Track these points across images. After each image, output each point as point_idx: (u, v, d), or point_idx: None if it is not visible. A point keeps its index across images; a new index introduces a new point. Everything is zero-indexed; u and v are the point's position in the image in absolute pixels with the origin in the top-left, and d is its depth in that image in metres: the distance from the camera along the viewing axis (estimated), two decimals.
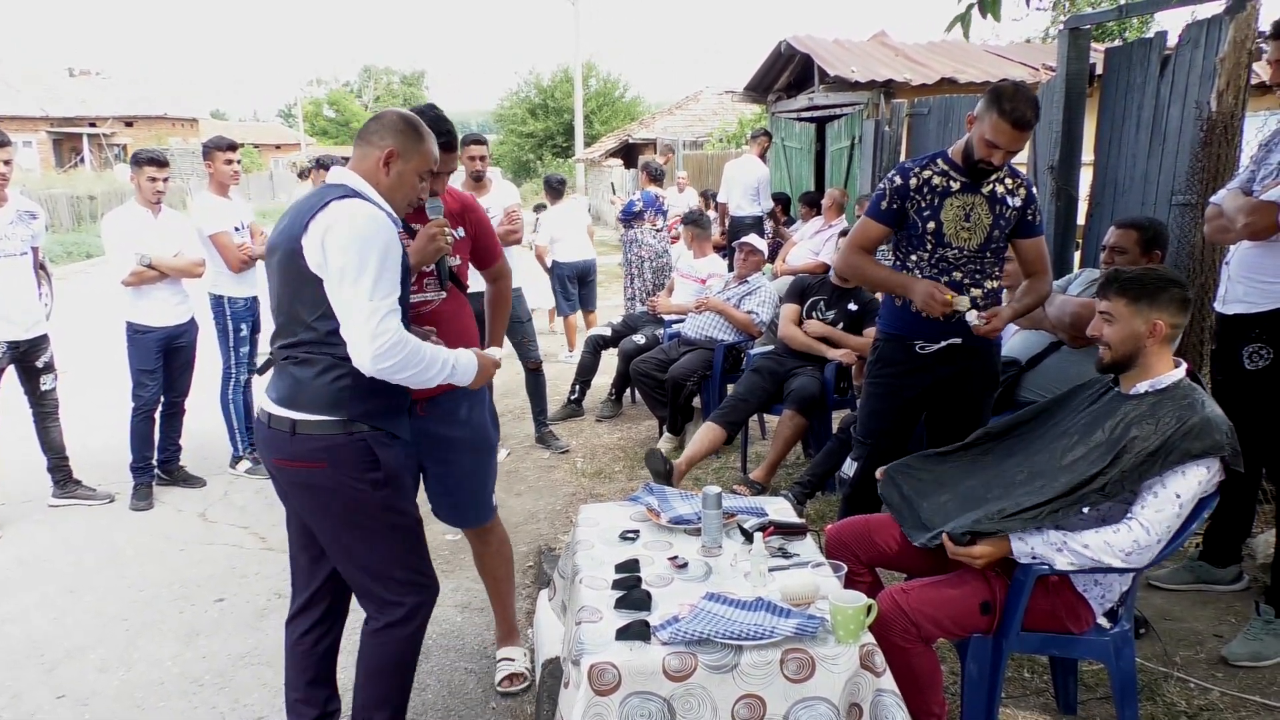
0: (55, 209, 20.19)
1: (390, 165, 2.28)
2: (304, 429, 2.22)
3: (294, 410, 2.22)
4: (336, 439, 2.22)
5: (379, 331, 2.10)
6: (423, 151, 2.33)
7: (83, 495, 4.81)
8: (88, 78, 39.23)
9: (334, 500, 2.27)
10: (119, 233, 4.61)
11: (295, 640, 2.54)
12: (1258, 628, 3.07)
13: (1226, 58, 3.90)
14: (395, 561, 2.36)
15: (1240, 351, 3.08)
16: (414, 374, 2.19)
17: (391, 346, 2.11)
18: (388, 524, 2.32)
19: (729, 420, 4.72)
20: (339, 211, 2.14)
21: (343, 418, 2.22)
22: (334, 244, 2.11)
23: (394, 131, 2.29)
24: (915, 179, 3.09)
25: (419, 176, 2.35)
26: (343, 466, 2.23)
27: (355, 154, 2.32)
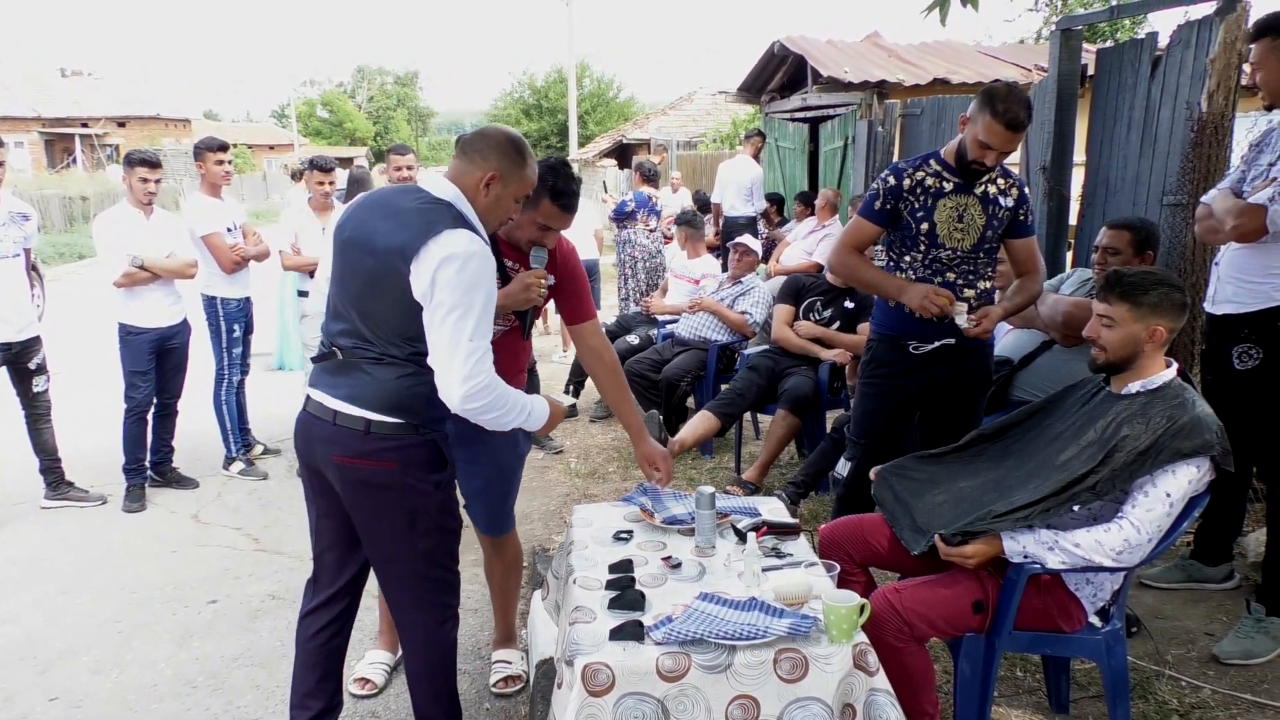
0: (47, 210, 20.12)
1: (490, 188, 2.28)
2: (379, 429, 2.21)
3: (369, 410, 2.21)
4: (410, 439, 2.24)
5: (473, 373, 2.13)
6: (524, 177, 2.33)
7: (75, 497, 4.80)
8: (80, 78, 39.15)
9: (397, 499, 2.27)
10: (111, 234, 4.59)
11: (311, 635, 2.52)
12: (1249, 626, 3.08)
13: (1217, 59, 3.91)
14: (439, 563, 2.38)
15: (1230, 351, 3.10)
16: (496, 416, 2.22)
17: (482, 389, 2.15)
18: (440, 525, 2.35)
19: (724, 412, 4.75)
20: (456, 246, 2.12)
21: (416, 421, 2.24)
22: (447, 281, 2.11)
23: (498, 154, 2.28)
24: (909, 179, 3.09)
25: (514, 200, 2.35)
26: (412, 467, 2.26)
27: (456, 166, 2.31)
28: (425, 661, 2.44)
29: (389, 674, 3.09)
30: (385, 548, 2.36)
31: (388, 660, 3.12)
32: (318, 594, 2.52)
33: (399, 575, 2.39)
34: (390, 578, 2.41)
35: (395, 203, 2.26)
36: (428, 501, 2.30)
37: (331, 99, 57.90)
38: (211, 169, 4.91)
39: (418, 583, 2.38)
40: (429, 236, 2.12)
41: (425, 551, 2.34)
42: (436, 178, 2.31)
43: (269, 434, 5.69)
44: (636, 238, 8.16)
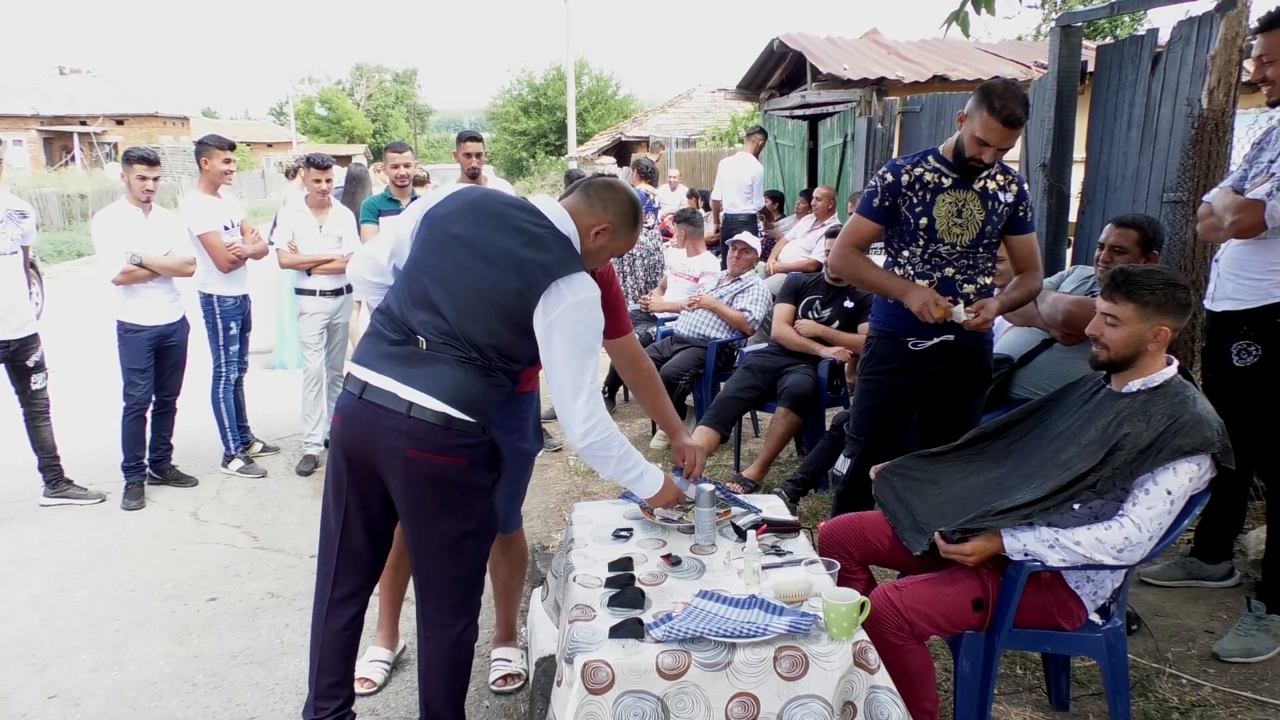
0: (46, 208, 20.09)
1: (599, 237, 2.36)
2: (459, 425, 2.24)
3: (450, 405, 2.22)
4: (481, 438, 2.30)
5: (593, 414, 2.28)
6: (629, 239, 2.43)
7: (74, 495, 4.79)
8: (78, 76, 39.10)
9: (459, 495, 2.31)
10: (110, 231, 4.58)
11: (345, 625, 2.50)
12: (1249, 623, 3.08)
13: (1217, 55, 3.91)
14: (477, 565, 2.44)
15: (1229, 348, 3.09)
16: (613, 461, 2.40)
17: (598, 426, 2.30)
18: (487, 526, 2.41)
19: (720, 420, 4.71)
20: (586, 293, 2.23)
21: (485, 422, 2.30)
22: (570, 329, 2.22)
23: (620, 212, 2.37)
24: (907, 175, 3.09)
25: (610, 255, 2.46)
26: (478, 464, 2.31)
27: (576, 203, 2.37)
28: (447, 662, 2.44)
29: (388, 672, 3.09)
30: (437, 542, 2.36)
31: (387, 657, 3.12)
32: (347, 584, 2.49)
33: (442, 572, 2.40)
34: (432, 573, 2.41)
35: (515, 221, 2.27)
36: (485, 501, 2.36)
37: (330, 96, 57.87)
38: (217, 167, 4.90)
39: (455, 582, 2.40)
40: (564, 274, 2.22)
41: (470, 550, 2.39)
42: (556, 206, 2.35)
43: (267, 431, 5.69)
44: None
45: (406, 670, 3.11)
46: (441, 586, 2.41)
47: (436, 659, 2.45)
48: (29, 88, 36.06)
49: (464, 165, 5.32)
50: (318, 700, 2.52)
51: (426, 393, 2.21)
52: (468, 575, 2.41)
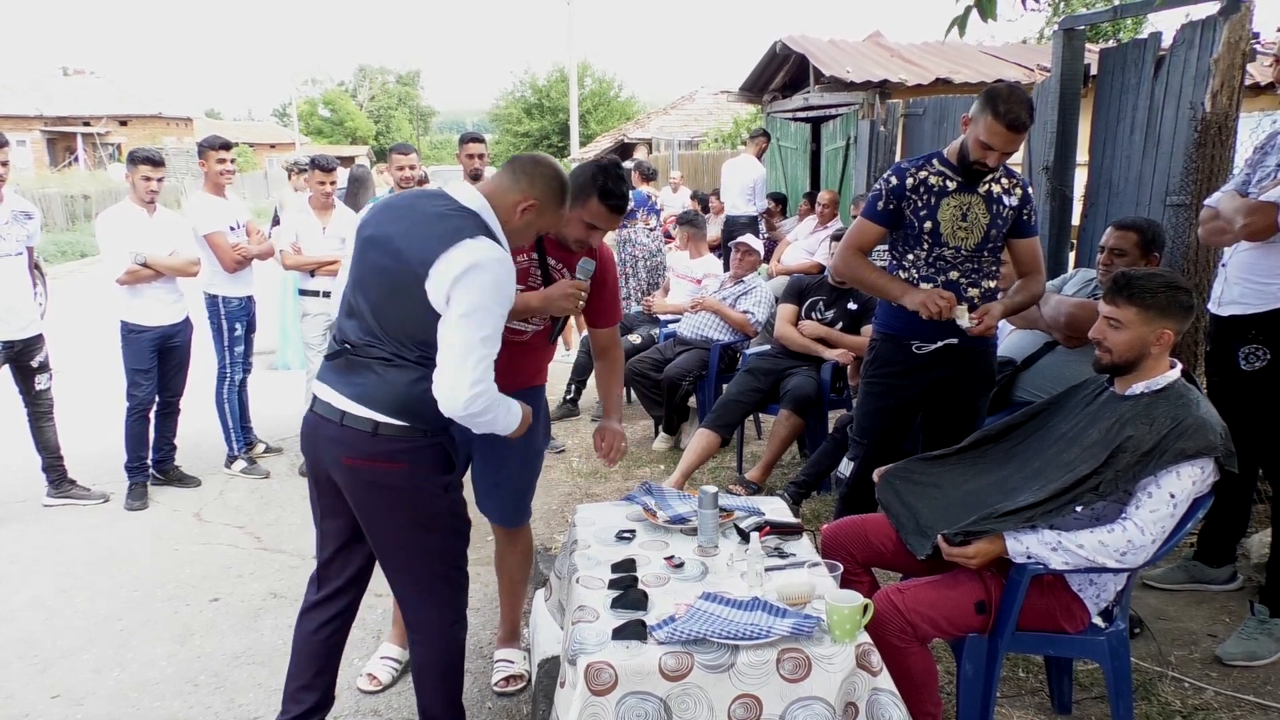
0: (50, 208, 20.13)
1: (525, 214, 2.30)
2: (387, 430, 2.21)
3: (378, 411, 2.21)
4: (418, 442, 2.25)
5: (480, 379, 2.15)
6: (557, 215, 2.38)
7: (77, 495, 4.80)
8: (82, 77, 39.15)
9: (406, 501, 2.28)
10: (114, 232, 4.59)
11: (312, 631, 2.52)
12: (1252, 627, 3.08)
13: (1221, 59, 3.91)
14: (450, 564, 2.40)
15: (1236, 352, 3.09)
16: (489, 420, 2.24)
17: (485, 394, 2.17)
18: (451, 528, 2.37)
19: (723, 424, 4.71)
20: (477, 254, 2.14)
21: (423, 426, 2.25)
22: (466, 288, 2.12)
23: (545, 185, 2.31)
24: (911, 179, 3.09)
25: (538, 233, 2.42)
26: (420, 469, 2.27)
27: (498, 181, 2.33)
28: (437, 662, 2.44)
29: (397, 672, 3.09)
30: (395, 548, 2.36)
31: (398, 656, 3.11)
32: (321, 590, 2.53)
33: (411, 576, 2.39)
34: (401, 578, 2.41)
35: (420, 207, 2.27)
36: (437, 504, 2.31)
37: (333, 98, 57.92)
38: (213, 167, 4.92)
39: (430, 583, 2.39)
40: (450, 244, 2.14)
41: (437, 551, 2.36)
42: (466, 186, 2.32)
43: (271, 432, 5.69)
44: (637, 237, 8.15)
45: None
46: (411, 590, 2.41)
47: (424, 660, 2.46)
48: (33, 88, 36.11)
49: (466, 167, 5.33)
50: (284, 703, 2.54)
51: (356, 400, 2.23)
52: (437, 576, 2.38)
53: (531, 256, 2.72)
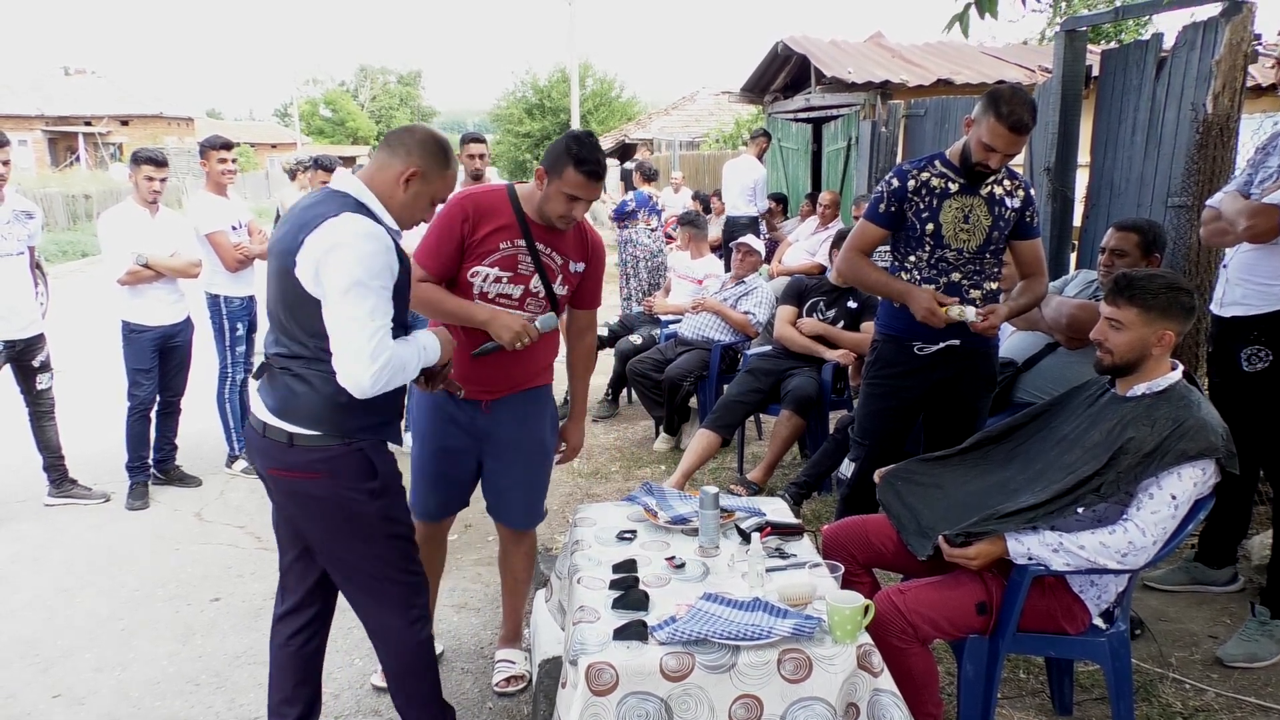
0: (51, 208, 20.12)
1: (410, 184, 2.24)
2: (301, 441, 2.20)
3: (290, 423, 2.20)
4: (334, 450, 2.21)
5: (379, 350, 2.09)
6: (445, 178, 2.30)
7: (78, 494, 4.80)
8: (83, 76, 39.15)
9: (331, 510, 2.26)
10: (116, 232, 4.60)
11: (283, 641, 2.52)
12: (1253, 629, 3.08)
13: (1222, 60, 3.91)
14: (393, 567, 2.35)
15: (1239, 354, 3.09)
16: (406, 375, 2.20)
17: (383, 367, 2.09)
18: (385, 533, 2.32)
19: (723, 424, 4.71)
20: (337, 232, 2.09)
21: (338, 433, 2.21)
22: (334, 269, 2.08)
23: (423, 151, 2.24)
24: (913, 181, 3.09)
25: (432, 201, 2.32)
26: (341, 477, 2.22)
27: (376, 160, 2.27)
28: (398, 664, 2.42)
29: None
30: (333, 557, 2.35)
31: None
32: (285, 600, 2.52)
33: (356, 584, 2.37)
34: (349, 587, 2.39)
35: (300, 204, 2.26)
36: (365, 510, 2.26)
37: (334, 98, 57.92)
38: (214, 167, 4.92)
39: (376, 589, 2.36)
40: (311, 229, 2.11)
41: (377, 558, 2.32)
42: (344, 173, 2.28)
43: None
44: (638, 237, 8.16)
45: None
46: (361, 598, 2.38)
47: (386, 663, 2.43)
48: (34, 88, 36.13)
49: (467, 167, 5.33)
50: (270, 716, 2.54)
51: (272, 412, 2.23)
52: (383, 581, 2.34)
53: (518, 244, 2.69)
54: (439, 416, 2.83)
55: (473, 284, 2.69)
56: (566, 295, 2.85)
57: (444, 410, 2.81)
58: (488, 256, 2.67)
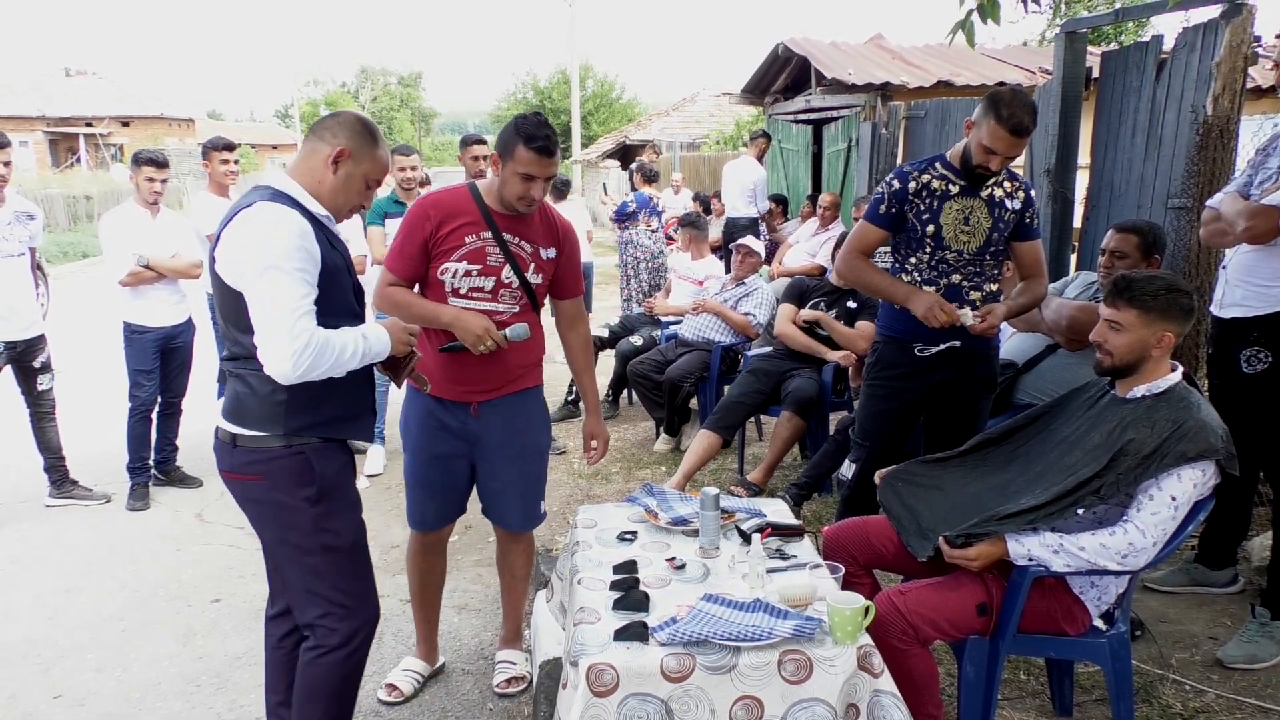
0: (51, 209, 20.13)
1: (339, 165, 2.20)
2: (243, 442, 2.20)
3: (234, 424, 2.20)
4: (274, 452, 2.18)
5: (295, 335, 2.03)
6: (375, 157, 2.26)
7: (79, 495, 4.81)
8: (84, 77, 39.18)
9: (267, 514, 2.25)
10: (117, 233, 4.60)
11: (276, 643, 2.49)
12: (1253, 630, 3.08)
13: (1222, 62, 3.91)
14: (325, 582, 2.27)
15: (1238, 355, 3.09)
16: (334, 362, 2.11)
17: (305, 347, 2.03)
18: (320, 543, 2.24)
19: (724, 425, 4.71)
20: (248, 221, 2.09)
21: (281, 433, 2.17)
22: (245, 255, 2.07)
23: (350, 131, 2.22)
24: (914, 183, 3.09)
25: (366, 182, 2.26)
26: (278, 480, 2.19)
27: (302, 149, 2.25)
28: (301, 685, 2.33)
29: (420, 684, 3.06)
30: (273, 557, 2.33)
31: (421, 669, 3.09)
32: (275, 602, 2.50)
33: (295, 591, 2.31)
34: (289, 592, 2.34)
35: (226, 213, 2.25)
36: (300, 518, 2.21)
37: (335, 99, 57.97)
38: (216, 168, 4.93)
39: (303, 600, 2.29)
40: (227, 223, 2.12)
41: (307, 569, 2.26)
42: (271, 171, 2.26)
43: None
44: (638, 238, 8.17)
45: (438, 685, 3.10)
46: (300, 604, 2.31)
47: (300, 686, 2.33)
48: (34, 89, 36.16)
49: (470, 169, 5.34)
50: (268, 718, 2.53)
51: (222, 414, 2.24)
52: (310, 593, 2.27)
53: (484, 236, 2.69)
54: (429, 424, 2.82)
55: (444, 281, 2.70)
56: (543, 284, 2.83)
57: (433, 417, 2.81)
58: (455, 252, 2.68)
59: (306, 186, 2.21)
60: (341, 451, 2.31)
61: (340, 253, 2.24)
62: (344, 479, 2.30)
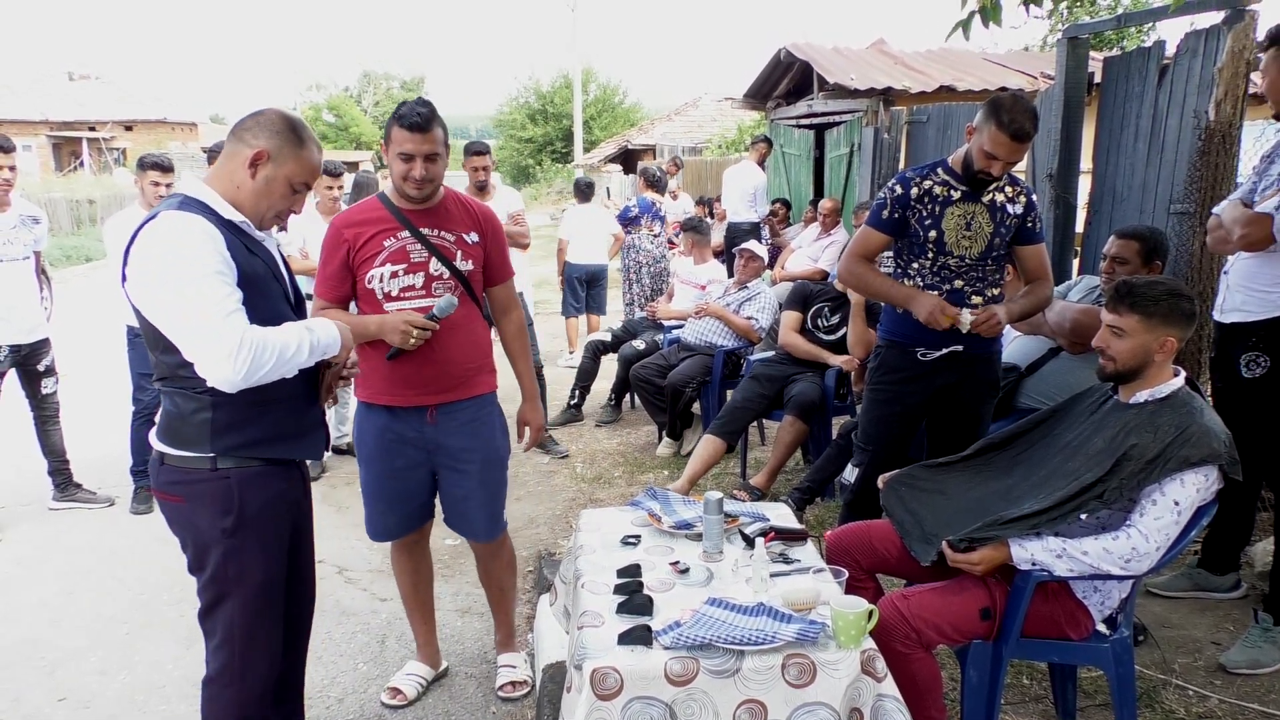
0: (55, 213, 20.14)
1: (258, 168, 2.07)
2: (170, 460, 2.10)
3: (161, 441, 2.11)
4: (199, 475, 2.08)
5: (227, 337, 1.91)
6: (300, 158, 2.11)
7: (83, 498, 4.82)
8: (87, 81, 39.24)
9: (189, 538, 2.14)
10: (121, 237, 4.59)
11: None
12: (1256, 635, 3.08)
13: (1225, 67, 3.92)
14: (227, 619, 2.14)
15: (1238, 360, 3.10)
16: (273, 366, 1.98)
17: (239, 347, 1.91)
18: (228, 576, 2.11)
19: (728, 430, 4.71)
20: (151, 233, 1.97)
21: (209, 453, 2.06)
22: (155, 268, 1.94)
23: (270, 131, 2.08)
24: (916, 188, 3.10)
25: (290, 186, 2.12)
26: (198, 504, 2.09)
27: (222, 153, 2.13)
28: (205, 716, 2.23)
29: (424, 688, 3.06)
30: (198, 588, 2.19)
31: (426, 674, 3.09)
32: None
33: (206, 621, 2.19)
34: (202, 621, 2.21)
35: None
36: (210, 545, 2.10)
37: (337, 103, 58.03)
38: None
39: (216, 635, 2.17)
40: (132, 240, 2.00)
41: (211, 601, 2.15)
42: (186, 179, 2.16)
43: None
44: (641, 243, 8.18)
45: (441, 689, 3.10)
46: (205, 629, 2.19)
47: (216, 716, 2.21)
48: (38, 93, 36.24)
49: (471, 178, 5.36)
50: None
51: (155, 432, 2.15)
52: (210, 616, 2.16)
53: (401, 236, 2.68)
54: (385, 438, 2.78)
55: (374, 290, 2.69)
56: (475, 271, 2.79)
57: (389, 430, 2.77)
58: (377, 258, 2.68)
59: (224, 192, 2.08)
60: (278, 479, 2.16)
61: (263, 259, 2.12)
62: (272, 511, 2.15)
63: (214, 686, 2.20)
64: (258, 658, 2.19)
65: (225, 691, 2.18)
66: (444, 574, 3.85)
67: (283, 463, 2.19)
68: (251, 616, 2.16)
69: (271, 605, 2.21)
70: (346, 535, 4.35)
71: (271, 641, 2.22)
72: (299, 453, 2.24)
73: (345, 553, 4.18)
